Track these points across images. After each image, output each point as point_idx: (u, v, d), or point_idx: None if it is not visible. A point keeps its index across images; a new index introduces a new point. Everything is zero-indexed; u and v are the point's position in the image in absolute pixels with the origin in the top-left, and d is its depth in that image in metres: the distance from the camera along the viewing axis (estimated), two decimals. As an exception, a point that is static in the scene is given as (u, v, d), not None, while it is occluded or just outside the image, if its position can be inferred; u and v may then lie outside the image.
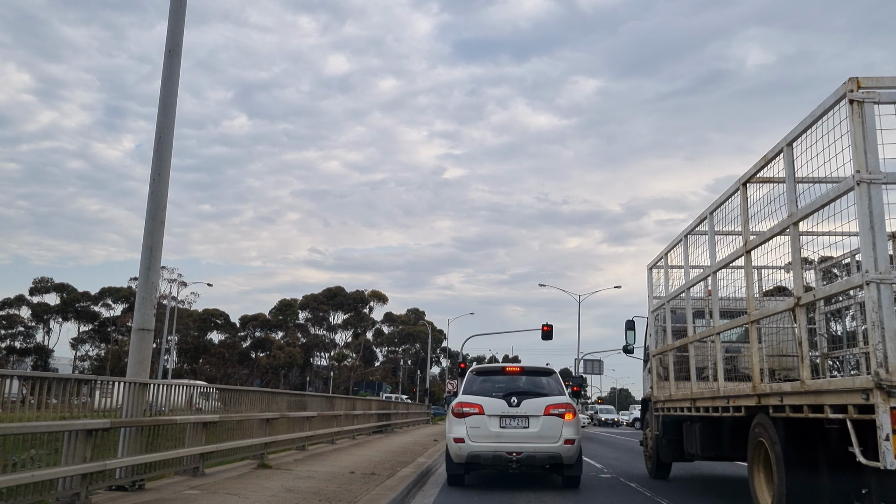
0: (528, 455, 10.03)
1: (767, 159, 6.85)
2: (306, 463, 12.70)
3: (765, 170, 7.06)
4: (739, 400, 7.76)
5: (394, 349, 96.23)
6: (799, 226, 6.23)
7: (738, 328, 9.14)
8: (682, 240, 10.02)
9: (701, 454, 10.20)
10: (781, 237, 7.14)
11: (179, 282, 72.16)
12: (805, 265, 6.94)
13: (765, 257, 7.53)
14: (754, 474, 7.54)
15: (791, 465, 6.62)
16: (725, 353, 9.43)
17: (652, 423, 12.26)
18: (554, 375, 11.21)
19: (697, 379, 9.68)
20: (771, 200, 7.10)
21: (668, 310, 10.94)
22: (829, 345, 10.06)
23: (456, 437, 10.27)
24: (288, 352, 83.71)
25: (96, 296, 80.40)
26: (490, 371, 11.55)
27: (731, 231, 8.63)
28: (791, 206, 6.28)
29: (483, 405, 10.32)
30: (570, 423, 10.22)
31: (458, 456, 10.31)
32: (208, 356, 78.70)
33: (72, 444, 6.83)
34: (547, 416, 10.16)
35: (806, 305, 6.16)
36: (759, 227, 7.41)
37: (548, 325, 35.37)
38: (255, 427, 12.11)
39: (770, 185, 7.21)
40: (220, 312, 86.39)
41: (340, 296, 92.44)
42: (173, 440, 9.12)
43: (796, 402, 6.21)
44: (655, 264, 12.02)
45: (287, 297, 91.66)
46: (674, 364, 10.70)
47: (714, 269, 8.46)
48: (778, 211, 6.96)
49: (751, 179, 7.39)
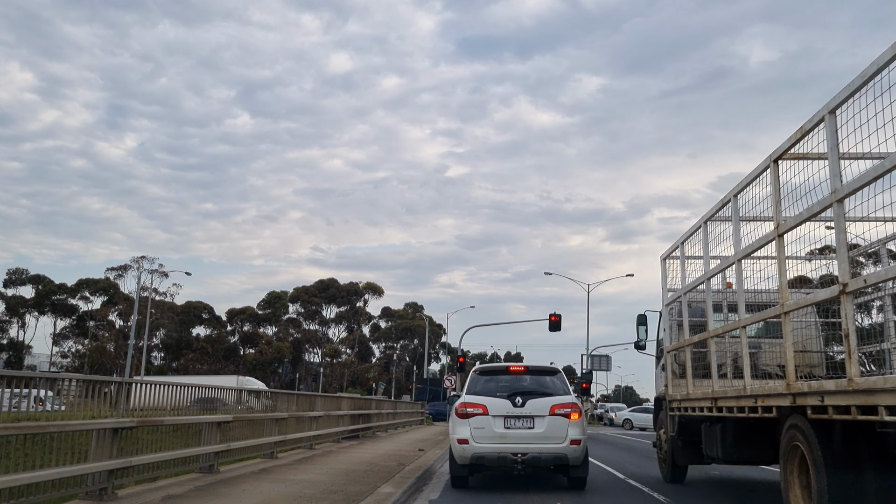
0: (534, 456, 9.82)
1: (804, 130, 6.13)
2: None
3: (801, 144, 6.34)
4: (770, 399, 7.05)
5: (391, 345, 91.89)
6: (844, 203, 5.51)
7: (759, 322, 8.50)
8: (701, 226, 9.30)
9: (722, 457, 9.49)
10: (813, 222, 6.48)
11: (160, 272, 68.81)
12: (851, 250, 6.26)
13: (792, 245, 6.85)
14: (788, 480, 6.84)
15: (833, 470, 5.94)
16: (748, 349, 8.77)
17: (667, 424, 11.54)
18: (559, 374, 10.97)
19: (717, 376, 8.99)
20: (805, 179, 6.40)
21: (685, 303, 10.22)
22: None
23: (460, 438, 10.05)
24: (276, 346, 79.48)
25: (73, 287, 76.02)
26: (494, 371, 11.31)
27: (756, 217, 7.95)
28: (835, 182, 5.56)
29: (487, 405, 10.10)
30: (576, 423, 10.03)
31: (462, 457, 10.08)
32: (191, 351, 75.12)
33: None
34: (552, 416, 9.97)
35: (854, 293, 5.44)
36: (788, 213, 6.71)
37: (555, 314, 33.59)
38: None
39: (804, 164, 6.51)
40: (205, 305, 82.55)
41: (333, 288, 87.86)
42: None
43: (842, 402, 5.49)
44: (670, 255, 11.30)
45: (277, 290, 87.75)
46: (691, 361, 9.98)
47: (739, 256, 7.75)
48: (810, 193, 6.28)
49: (783, 155, 6.67)
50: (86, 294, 76.50)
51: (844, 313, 5.45)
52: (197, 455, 10.12)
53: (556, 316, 33.44)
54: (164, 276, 71.28)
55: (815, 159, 6.28)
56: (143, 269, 66.71)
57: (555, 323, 33.21)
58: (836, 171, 5.58)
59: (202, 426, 10.35)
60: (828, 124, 5.69)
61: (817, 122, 5.89)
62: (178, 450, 9.41)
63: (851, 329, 5.40)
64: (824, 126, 5.76)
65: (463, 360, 39.53)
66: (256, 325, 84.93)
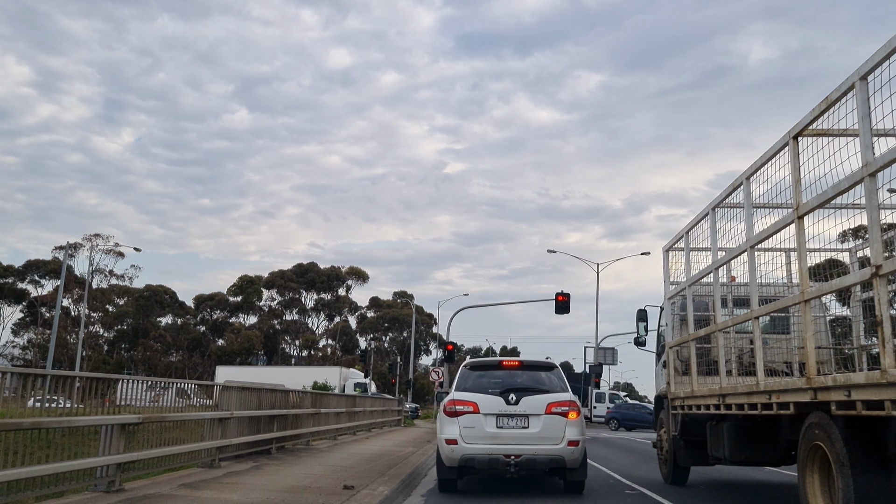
0: (528, 458, 9.20)
1: (831, 101, 5.63)
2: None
3: (825, 117, 5.85)
4: (786, 395, 6.55)
5: (378, 336, 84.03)
6: (877, 178, 5.02)
7: (765, 317, 8.04)
8: (708, 213, 8.80)
9: (729, 458, 9.00)
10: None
11: (115, 252, 61.58)
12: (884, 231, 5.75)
13: (812, 229, 6.36)
14: (807, 483, 6.34)
15: (860, 471, 5.45)
16: (750, 343, 8.31)
17: (668, 423, 11.05)
18: (556, 370, 10.28)
19: (724, 372, 8.51)
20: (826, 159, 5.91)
21: (689, 296, 9.72)
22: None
23: (448, 439, 9.41)
24: (246, 336, 71.63)
25: (20, 270, 67.94)
26: (486, 365, 10.60)
27: (768, 204, 7.47)
28: (866, 154, 5.06)
29: (478, 403, 9.48)
30: (574, 423, 9.41)
31: (451, 459, 9.45)
32: (147, 341, 67.48)
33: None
34: (549, 414, 9.34)
35: (887, 276, 4.95)
36: (809, 194, 6.23)
37: (563, 293, 28.40)
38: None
39: (824, 141, 6.02)
40: (166, 290, 74.26)
41: (313, 272, 79.47)
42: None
43: (874, 396, 5.00)
44: (673, 245, 10.80)
45: (250, 274, 79.70)
46: (696, 356, 9.49)
47: (752, 242, 7.25)
48: (832, 173, 5.79)
49: (804, 131, 6.18)
50: (35, 277, 68.80)
51: (878, 298, 4.96)
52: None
53: (563, 295, 28.35)
54: (119, 257, 64.06)
55: (838, 136, 5.80)
56: (96, 247, 60.13)
57: (562, 304, 28.30)
58: (867, 142, 5.09)
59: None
60: (859, 92, 5.21)
61: (846, 91, 5.40)
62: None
63: (885, 316, 4.90)
64: (854, 94, 5.28)
65: (451, 348, 33.44)
66: (229, 314, 77.62)
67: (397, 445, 17.97)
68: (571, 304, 29.05)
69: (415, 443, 19.61)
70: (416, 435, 24.33)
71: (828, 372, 8.89)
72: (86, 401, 7.37)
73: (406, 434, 24.94)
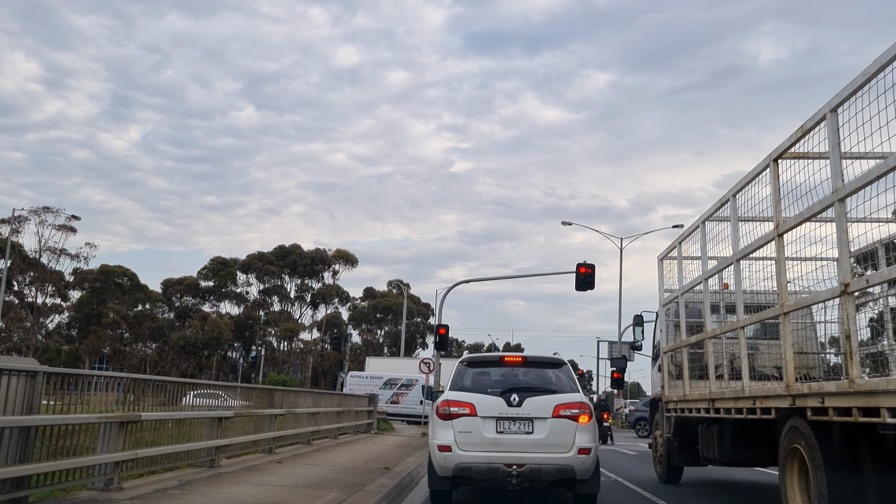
0: (532, 468, 8.12)
1: (805, 129, 6.08)
2: None
3: (801, 143, 6.29)
4: (768, 401, 7.00)
5: (371, 328, 77.68)
6: (846, 203, 5.45)
7: (756, 324, 8.44)
8: (699, 226, 9.25)
9: (719, 459, 9.45)
10: (813, 223, 6.43)
11: (67, 227, 54.49)
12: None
13: (792, 245, 6.79)
14: (787, 483, 6.78)
15: (833, 472, 5.88)
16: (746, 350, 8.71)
17: (663, 425, 11.50)
18: (565, 367, 9.20)
19: (714, 377, 8.93)
20: (805, 179, 6.34)
21: (682, 303, 10.17)
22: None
23: (441, 445, 8.38)
24: (213, 323, 62.42)
25: None
26: (484, 361, 9.50)
27: (754, 217, 7.89)
28: (836, 181, 5.50)
29: (475, 404, 8.43)
30: (586, 428, 8.31)
31: (444, 468, 8.38)
32: (98, 328, 59.66)
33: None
34: (556, 418, 8.28)
35: (854, 294, 5.38)
36: (788, 213, 6.66)
37: (586, 265, 22.60)
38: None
39: (804, 164, 6.45)
40: (124, 270, 66.60)
41: (295, 254, 71.62)
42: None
43: (843, 403, 5.44)
44: (667, 255, 11.25)
45: (223, 256, 72.05)
46: (688, 361, 9.93)
47: (738, 256, 7.69)
48: (810, 193, 6.22)
49: (783, 154, 6.62)
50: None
51: (846, 313, 5.39)
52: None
53: (587, 267, 22.52)
54: (70, 233, 55.56)
55: (815, 159, 6.24)
56: (45, 222, 53.36)
57: (585, 277, 22.46)
58: (837, 169, 5.52)
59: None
60: (829, 123, 5.65)
61: (819, 121, 5.84)
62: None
63: (853, 330, 5.34)
64: (826, 124, 5.72)
65: (444, 332, 26.18)
66: (201, 300, 70.31)
67: (336, 472, 10.80)
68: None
69: (380, 459, 13.04)
70: (378, 451, 15.29)
71: (816, 377, 9.31)
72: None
73: (365, 449, 15.67)
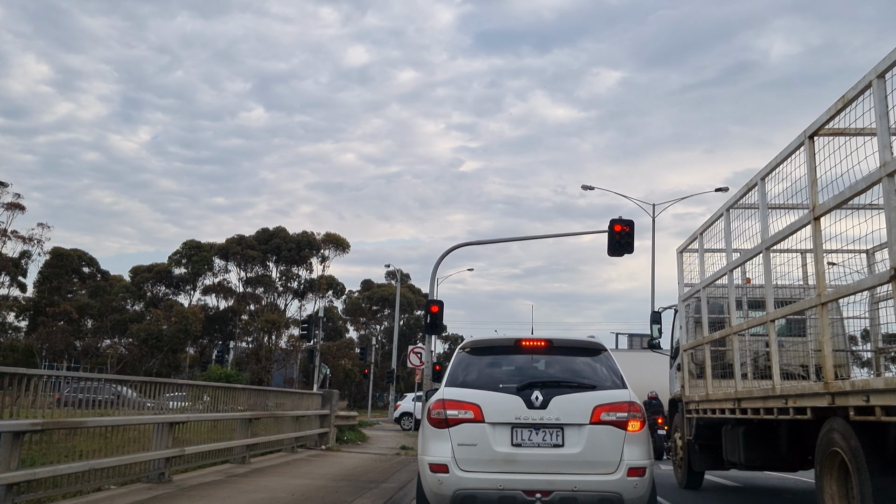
0: (564, 496, 5.84)
1: (847, 99, 5.51)
2: None
3: (841, 116, 5.73)
4: (803, 400, 6.42)
5: (367, 322, 72.27)
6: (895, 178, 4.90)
7: (781, 320, 7.90)
8: (723, 214, 8.67)
9: (744, 463, 8.88)
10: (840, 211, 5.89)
11: (14, 204, 49.17)
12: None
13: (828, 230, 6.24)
14: (825, 488, 6.21)
15: (879, 478, 5.33)
16: (766, 346, 8.17)
17: (683, 427, 10.91)
18: (603, 354, 6.69)
19: (740, 376, 8.37)
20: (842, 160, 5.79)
21: (704, 298, 9.59)
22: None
23: (434, 463, 6.04)
24: (179, 313, 55.51)
25: None
26: (494, 347, 6.89)
27: (784, 205, 7.33)
28: (884, 154, 4.94)
29: (482, 406, 6.07)
30: (638, 439, 6.01)
31: (438, 496, 6.03)
32: (48, 320, 52.80)
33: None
34: (596, 424, 5.98)
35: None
36: (825, 195, 6.11)
37: (623, 221, 18.09)
38: None
39: (842, 140, 5.89)
40: (82, 255, 60.38)
41: (279, 238, 64.37)
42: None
43: (894, 402, 4.87)
44: (687, 247, 10.67)
45: (198, 240, 64.76)
46: (711, 359, 9.36)
47: (768, 244, 7.13)
48: (847, 174, 5.68)
49: (820, 131, 6.06)
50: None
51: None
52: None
53: (624, 224, 18.00)
54: (19, 210, 49.68)
55: (856, 135, 5.68)
56: None
57: (622, 237, 17.94)
58: (885, 141, 4.97)
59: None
60: (876, 90, 5.09)
61: (863, 89, 5.27)
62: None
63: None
64: (871, 92, 5.16)
65: (437, 310, 19.21)
66: (175, 289, 64.04)
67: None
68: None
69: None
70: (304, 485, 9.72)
71: (845, 376, 8.75)
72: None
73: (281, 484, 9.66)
